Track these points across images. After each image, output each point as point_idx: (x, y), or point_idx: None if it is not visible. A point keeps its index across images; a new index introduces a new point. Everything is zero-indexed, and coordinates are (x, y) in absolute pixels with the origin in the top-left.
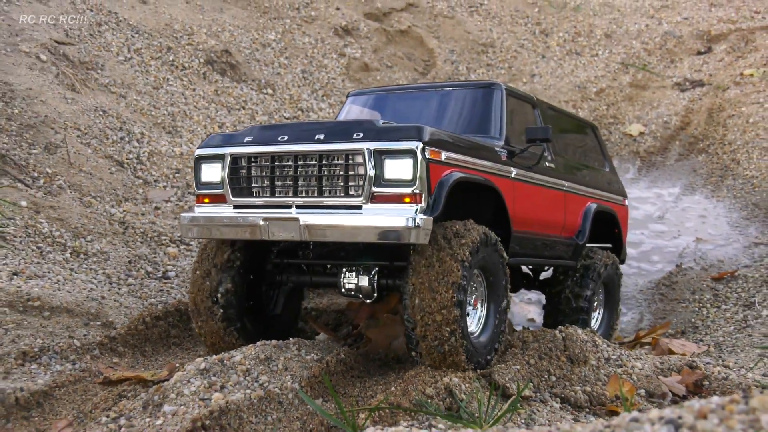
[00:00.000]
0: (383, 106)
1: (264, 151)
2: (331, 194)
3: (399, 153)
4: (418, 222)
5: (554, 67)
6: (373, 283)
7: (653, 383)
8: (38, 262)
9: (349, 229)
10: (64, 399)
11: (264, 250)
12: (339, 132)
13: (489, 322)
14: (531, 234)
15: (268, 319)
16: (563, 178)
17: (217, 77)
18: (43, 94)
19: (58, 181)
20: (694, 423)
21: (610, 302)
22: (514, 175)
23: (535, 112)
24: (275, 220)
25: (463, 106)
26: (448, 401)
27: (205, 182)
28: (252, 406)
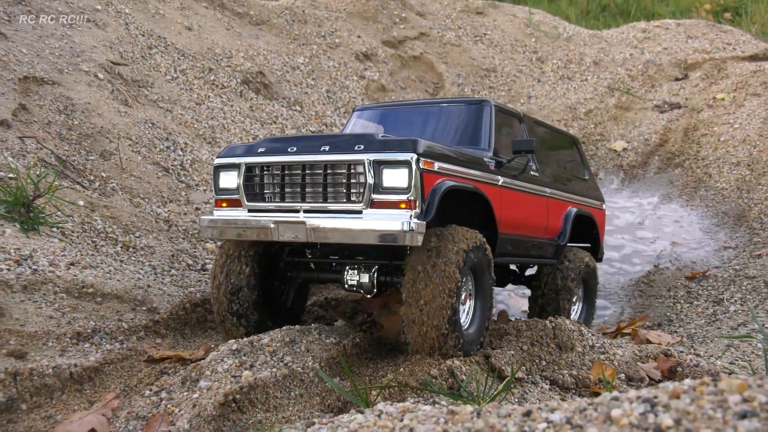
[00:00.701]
0: (385, 119)
1: (275, 161)
2: (334, 200)
3: (396, 163)
4: (412, 226)
5: (548, 90)
6: (373, 280)
7: (632, 369)
8: (92, 254)
9: (350, 231)
10: (113, 374)
11: (277, 250)
12: (342, 144)
13: (476, 315)
14: (516, 236)
15: (279, 311)
16: (546, 185)
17: (252, 95)
18: (99, 108)
19: (112, 184)
20: (668, 402)
21: (589, 296)
22: (501, 183)
23: (522, 126)
24: (284, 223)
25: (456, 120)
26: (450, 381)
27: (223, 188)
28: (277, 383)
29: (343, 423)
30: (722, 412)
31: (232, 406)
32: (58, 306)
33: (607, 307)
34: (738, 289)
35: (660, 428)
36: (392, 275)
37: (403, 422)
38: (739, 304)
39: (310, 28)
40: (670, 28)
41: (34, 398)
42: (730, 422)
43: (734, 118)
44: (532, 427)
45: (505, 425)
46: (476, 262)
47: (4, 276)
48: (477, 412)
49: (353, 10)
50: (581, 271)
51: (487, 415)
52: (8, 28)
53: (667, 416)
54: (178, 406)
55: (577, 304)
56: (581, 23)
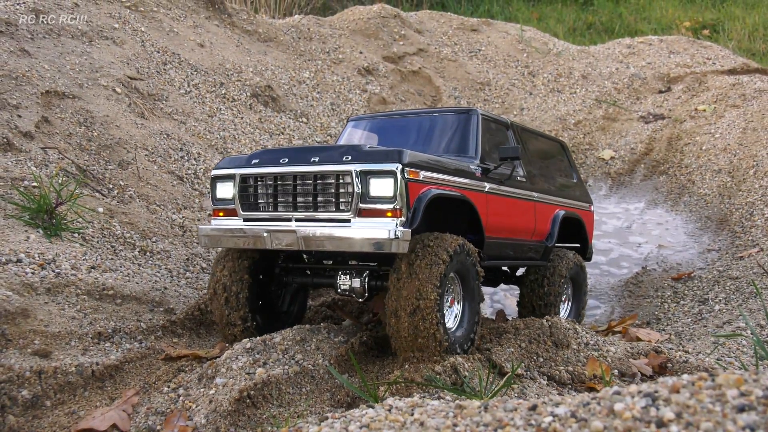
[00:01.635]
0: (378, 129)
1: (268, 172)
2: (324, 209)
3: (382, 173)
4: (398, 233)
5: (540, 102)
6: (365, 285)
7: (625, 365)
8: (112, 258)
9: (339, 239)
10: (133, 372)
11: (273, 256)
12: (331, 155)
13: (464, 318)
14: (504, 239)
15: (277, 315)
16: (534, 189)
17: (261, 108)
18: (117, 120)
19: (129, 192)
20: (668, 396)
21: (577, 295)
22: (487, 189)
23: (509, 133)
24: (276, 231)
25: (446, 129)
26: (454, 377)
27: (220, 198)
28: (289, 380)
29: (356, 417)
30: (721, 406)
31: (246, 402)
32: (80, 307)
33: (598, 306)
34: (722, 289)
35: (662, 421)
36: (383, 280)
37: (413, 416)
38: (723, 304)
39: (315, 45)
40: (654, 44)
41: (58, 395)
42: (729, 415)
43: (715, 129)
44: (538, 420)
45: (512, 419)
46: (461, 266)
47: (29, 279)
48: (484, 407)
49: (356, 28)
50: (569, 271)
51: (494, 409)
52: (31, 45)
53: (668, 410)
54: (195, 402)
55: (566, 302)
56: (569, 39)
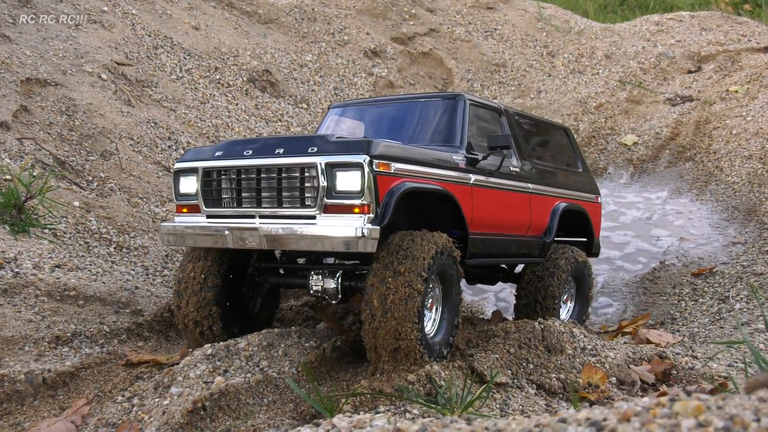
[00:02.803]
0: (361, 117)
1: (230, 165)
2: (289, 205)
3: (348, 166)
4: (364, 231)
5: (559, 84)
6: (338, 286)
7: (624, 372)
8: (83, 256)
9: (303, 238)
10: (89, 379)
11: (245, 255)
12: (296, 146)
13: (444, 322)
14: (492, 235)
15: (247, 318)
16: (529, 180)
17: (258, 93)
18: (102, 108)
19: (110, 184)
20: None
21: (581, 295)
22: (472, 182)
23: (501, 120)
24: (238, 230)
25: (431, 116)
26: (428, 387)
27: (183, 194)
28: (250, 389)
29: None
30: None
31: (200, 414)
32: (39, 309)
33: (610, 304)
34: (744, 286)
35: None
36: (358, 280)
37: None
38: (745, 302)
39: (319, 26)
40: (684, 20)
41: (5, 405)
42: None
43: (747, 111)
44: None
45: None
46: (443, 266)
47: None
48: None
49: (362, 7)
50: (571, 268)
51: None
52: (12, 30)
53: None
54: (148, 413)
55: (568, 302)
56: (599, 17)
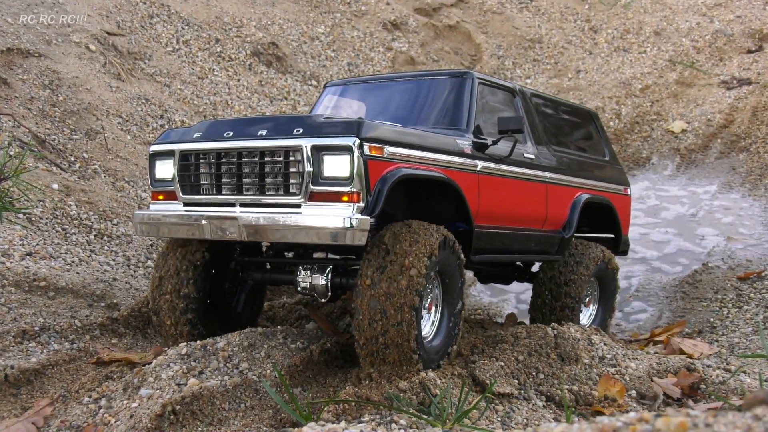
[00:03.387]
0: (361, 97)
1: (210, 147)
2: (273, 192)
3: (336, 149)
4: (353, 222)
5: (600, 63)
6: (327, 282)
7: (646, 384)
8: (58, 243)
9: (286, 229)
10: (55, 378)
11: (229, 247)
12: (280, 127)
13: (443, 326)
14: (501, 229)
15: (229, 317)
16: (546, 168)
17: (263, 68)
18: (88, 83)
19: (94, 166)
20: None
21: (605, 297)
22: (479, 169)
23: (516, 101)
24: (216, 219)
25: (437, 96)
26: (422, 396)
27: (159, 179)
28: (227, 393)
29: None
30: None
31: (170, 418)
32: (5, 300)
33: (644, 309)
34: None
35: None
36: (350, 276)
37: None
38: None
39: None
40: None
41: None
42: None
43: None
44: None
45: None
46: (444, 263)
47: None
48: None
49: None
50: (594, 268)
51: None
52: None
53: None
54: (115, 416)
55: (590, 306)
56: None
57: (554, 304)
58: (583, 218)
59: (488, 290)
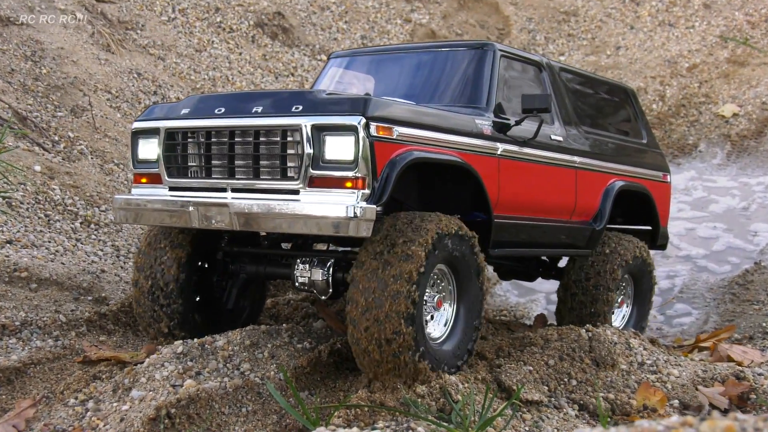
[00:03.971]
0: (368, 70)
1: (199, 125)
2: (269, 177)
3: (339, 129)
4: (356, 211)
5: (643, 39)
6: (328, 278)
7: (690, 394)
8: (41, 231)
9: (282, 217)
10: (38, 377)
11: (216, 236)
12: (278, 104)
13: (457, 326)
14: (524, 220)
15: (220, 315)
16: (575, 152)
17: (267, 41)
18: (75, 54)
19: (80, 146)
20: None
21: (640, 296)
22: (500, 152)
23: (542, 77)
24: (204, 205)
25: (451, 70)
26: (442, 402)
27: (143, 160)
28: (226, 396)
29: None
30: None
31: (165, 423)
32: None
33: (689, 313)
34: None
35: None
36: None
37: None
38: None
39: None
40: None
41: None
42: None
43: None
44: None
45: None
46: (455, 255)
47: None
48: None
49: None
50: (628, 264)
51: None
52: None
53: None
54: (104, 420)
55: (623, 306)
56: None
57: (582, 304)
58: (617, 208)
59: (515, 289)
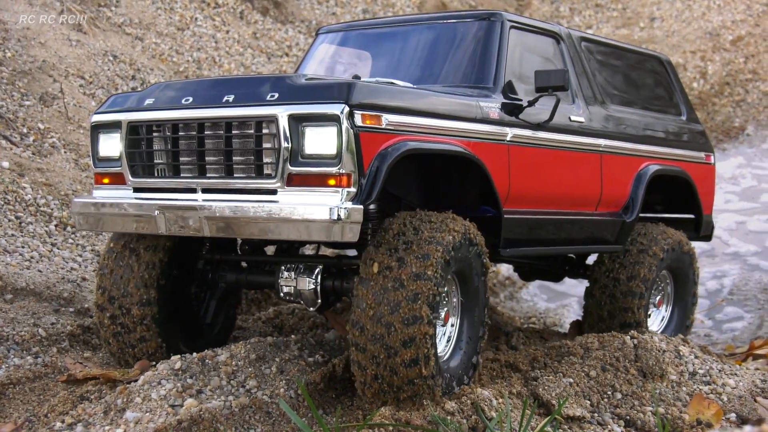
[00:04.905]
0: (362, 46)
1: (164, 117)
2: (243, 174)
3: (320, 119)
4: (340, 213)
5: (681, 9)
6: (316, 287)
7: (748, 406)
8: (12, 235)
9: (257, 222)
10: (18, 398)
11: (195, 242)
12: (251, 92)
13: (462, 340)
14: (540, 214)
15: (197, 329)
16: (600, 134)
17: (257, 17)
18: (42, 35)
19: (51, 139)
20: None
21: (681, 295)
22: (510, 138)
23: (561, 49)
24: (171, 209)
25: (455, 45)
26: (474, 419)
27: (104, 157)
28: (232, 417)
29: None
30: None
31: None
32: None
33: (740, 317)
34: None
35: None
36: (344, 279)
37: None
38: None
39: None
40: None
41: None
42: None
43: None
44: None
45: None
46: (463, 263)
47: None
48: None
49: None
50: (667, 258)
51: None
52: None
53: None
54: None
55: (662, 307)
56: None
57: (613, 306)
58: (655, 195)
59: (543, 293)
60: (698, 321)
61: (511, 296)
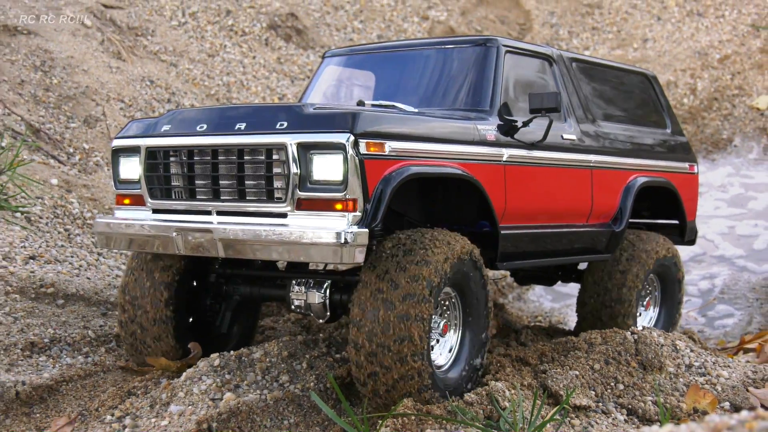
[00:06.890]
0: (365, 68)
1: (180, 144)
2: (255, 198)
3: (326, 147)
4: (347, 237)
5: (671, 30)
6: (325, 301)
7: (741, 396)
8: (62, 246)
9: (268, 245)
10: (71, 395)
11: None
12: (262, 120)
13: (463, 352)
14: (534, 228)
15: (213, 339)
16: (590, 151)
17: (281, 43)
18: (85, 63)
19: (95, 158)
20: None
21: (668, 297)
22: (506, 159)
23: (553, 70)
24: (188, 231)
25: (453, 69)
26: (489, 409)
27: (124, 180)
28: (267, 408)
29: None
30: None
31: None
32: (10, 309)
33: (731, 314)
34: None
35: None
36: (351, 293)
37: None
38: None
39: None
40: None
41: None
42: None
43: None
44: None
45: None
46: (459, 277)
47: None
48: None
49: None
50: (654, 263)
51: None
52: None
53: None
54: None
55: (649, 308)
56: None
57: (604, 310)
58: (642, 202)
59: (548, 294)
60: (692, 318)
61: (518, 297)
